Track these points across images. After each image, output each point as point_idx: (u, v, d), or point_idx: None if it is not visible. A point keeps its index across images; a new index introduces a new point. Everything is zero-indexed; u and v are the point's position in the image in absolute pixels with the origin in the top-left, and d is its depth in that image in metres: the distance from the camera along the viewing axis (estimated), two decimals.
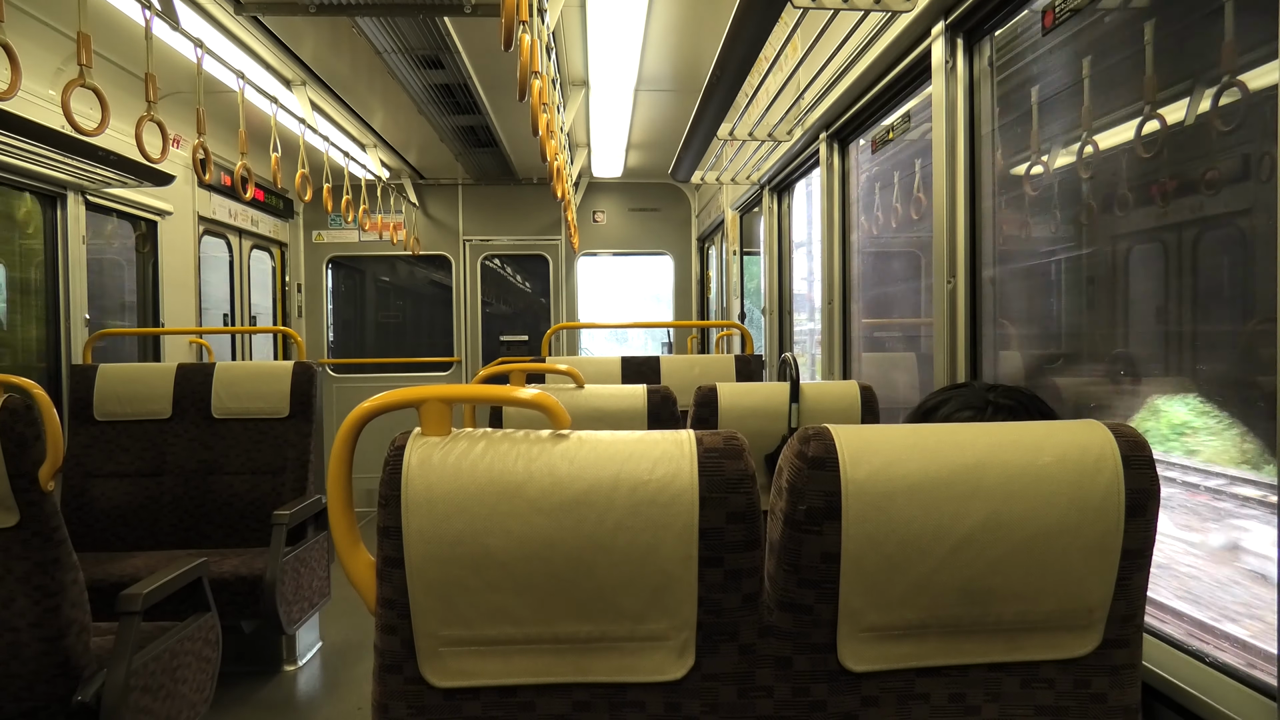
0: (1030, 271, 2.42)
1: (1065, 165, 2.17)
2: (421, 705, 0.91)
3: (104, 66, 3.63)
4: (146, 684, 2.24)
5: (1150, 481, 0.90)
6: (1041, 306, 2.43)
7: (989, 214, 2.30)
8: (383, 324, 7.85)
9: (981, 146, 2.30)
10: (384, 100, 4.89)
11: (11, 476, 1.91)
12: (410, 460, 0.89)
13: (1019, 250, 2.40)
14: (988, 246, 2.30)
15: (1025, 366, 2.43)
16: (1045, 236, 2.34)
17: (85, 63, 2.30)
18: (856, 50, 2.77)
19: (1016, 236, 2.38)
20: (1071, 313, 2.33)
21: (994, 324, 2.33)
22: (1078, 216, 2.18)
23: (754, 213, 5.39)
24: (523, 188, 7.17)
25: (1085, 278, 2.24)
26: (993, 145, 2.29)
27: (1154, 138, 1.77)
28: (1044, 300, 2.42)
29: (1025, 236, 2.38)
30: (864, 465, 0.88)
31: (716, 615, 0.90)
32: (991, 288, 2.31)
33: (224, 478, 3.70)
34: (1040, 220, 2.34)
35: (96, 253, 4.25)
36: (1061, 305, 2.37)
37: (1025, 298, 2.43)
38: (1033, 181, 2.29)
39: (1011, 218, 2.37)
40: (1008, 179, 2.34)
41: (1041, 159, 2.23)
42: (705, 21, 3.74)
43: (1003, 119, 2.29)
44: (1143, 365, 2.04)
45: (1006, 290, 2.35)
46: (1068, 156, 2.15)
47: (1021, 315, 2.43)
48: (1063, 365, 2.34)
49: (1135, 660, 0.95)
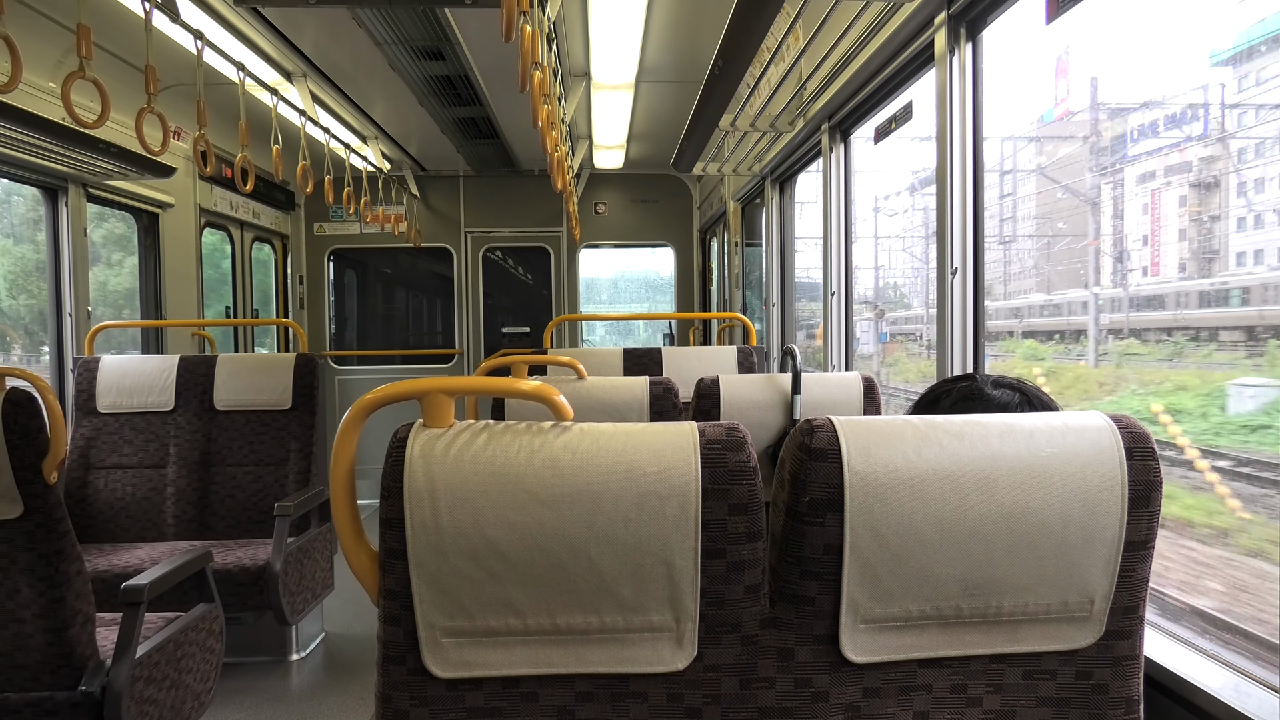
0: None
1: None
2: (424, 696, 0.92)
3: (104, 59, 3.62)
4: (151, 674, 2.25)
5: (1153, 473, 0.90)
6: None
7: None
8: (384, 316, 7.85)
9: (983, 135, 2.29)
10: (384, 92, 4.88)
11: (15, 468, 1.91)
12: (413, 452, 0.89)
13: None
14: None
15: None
16: None
17: (85, 55, 2.30)
18: (859, 41, 2.76)
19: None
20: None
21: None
22: None
23: (756, 204, 5.38)
24: (524, 179, 7.15)
25: None
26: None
27: None
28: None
29: None
30: (866, 457, 0.87)
31: (718, 607, 0.90)
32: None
33: (227, 469, 3.70)
34: None
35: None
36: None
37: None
38: None
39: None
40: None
41: None
42: (707, 12, 3.72)
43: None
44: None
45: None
46: None
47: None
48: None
49: (1137, 652, 0.95)
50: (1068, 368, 4.63)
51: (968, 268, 2.32)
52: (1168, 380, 3.57)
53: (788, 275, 4.84)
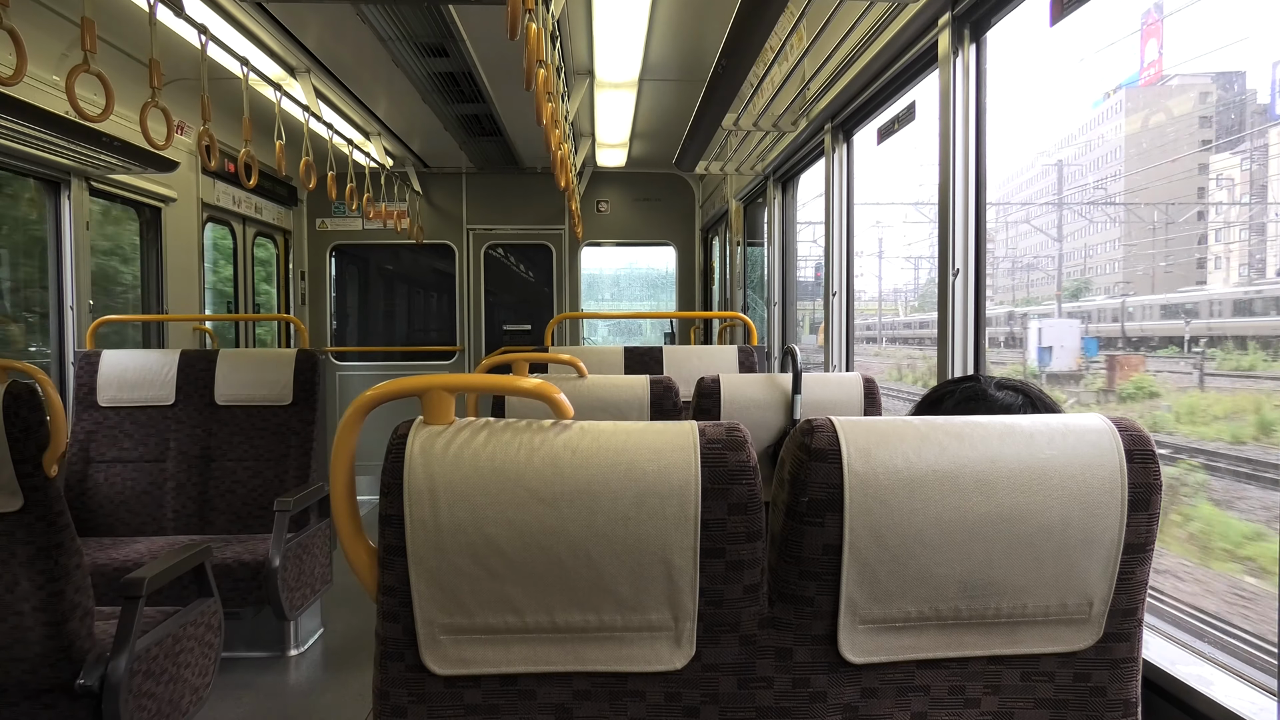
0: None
1: None
2: (422, 692, 0.92)
3: (108, 52, 3.62)
4: (149, 668, 2.25)
5: (1153, 476, 0.90)
6: None
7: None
8: (386, 313, 7.85)
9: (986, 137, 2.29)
10: (388, 88, 4.88)
11: (16, 461, 1.91)
12: (413, 449, 0.89)
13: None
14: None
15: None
16: None
17: (89, 48, 2.30)
18: (862, 41, 2.76)
19: None
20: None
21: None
22: None
23: (758, 203, 5.38)
24: (527, 177, 7.15)
25: None
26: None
27: None
28: None
29: None
30: (866, 457, 0.87)
31: (717, 606, 0.90)
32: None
33: (227, 464, 3.71)
34: None
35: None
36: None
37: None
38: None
39: None
40: None
41: None
42: (710, 11, 3.72)
43: None
44: None
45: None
46: None
47: None
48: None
49: (1135, 654, 0.95)
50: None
51: (969, 269, 2.32)
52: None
53: (789, 275, 4.84)
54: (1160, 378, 4.39)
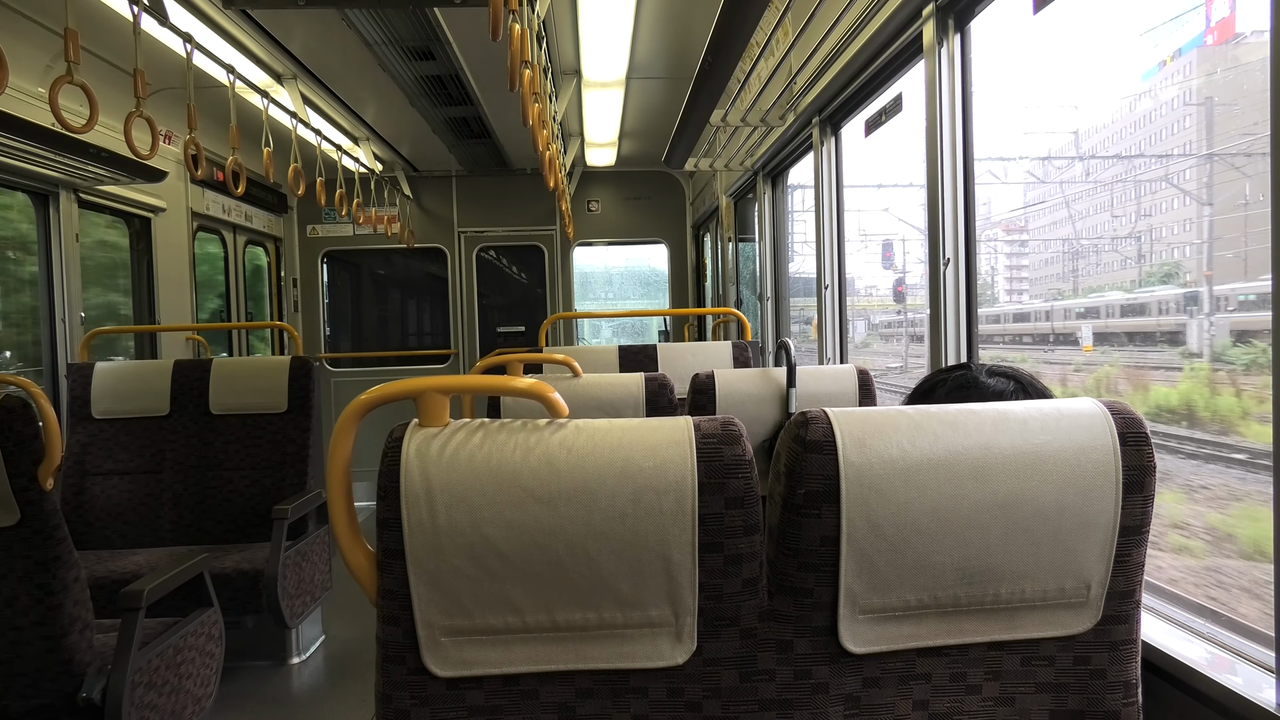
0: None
1: None
2: (424, 695, 0.92)
3: (92, 63, 3.61)
4: (151, 680, 2.24)
5: (1147, 458, 0.90)
6: None
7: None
8: (379, 318, 7.83)
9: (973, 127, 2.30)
10: (375, 93, 4.87)
11: (11, 476, 1.90)
12: (408, 451, 0.89)
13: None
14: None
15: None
16: None
17: (73, 59, 2.29)
18: (848, 33, 2.76)
19: None
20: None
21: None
22: None
23: (748, 199, 5.38)
24: (517, 178, 7.14)
25: None
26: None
27: None
28: None
29: None
30: (862, 448, 0.88)
31: (717, 600, 0.91)
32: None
33: (223, 473, 3.70)
34: None
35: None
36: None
37: None
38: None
39: None
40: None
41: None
42: (696, 8, 3.72)
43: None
44: None
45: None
46: None
47: None
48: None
49: (1134, 636, 0.96)
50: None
51: (960, 258, 2.32)
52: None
53: (781, 270, 4.85)
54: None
